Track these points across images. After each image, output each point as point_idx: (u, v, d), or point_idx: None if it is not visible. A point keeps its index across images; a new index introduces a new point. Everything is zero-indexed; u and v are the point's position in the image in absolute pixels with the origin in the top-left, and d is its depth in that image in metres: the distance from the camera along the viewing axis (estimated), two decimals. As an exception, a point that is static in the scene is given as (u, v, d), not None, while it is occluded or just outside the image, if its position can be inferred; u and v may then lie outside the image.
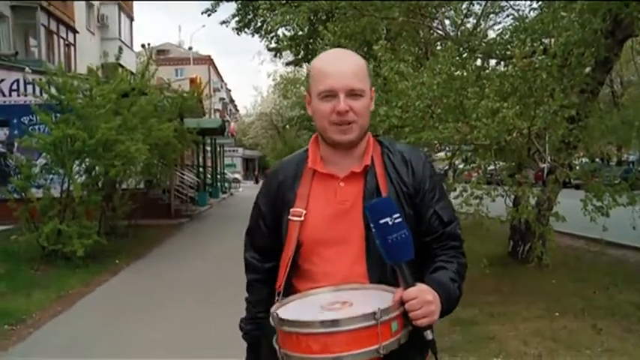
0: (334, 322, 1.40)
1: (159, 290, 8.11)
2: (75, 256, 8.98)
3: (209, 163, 30.25)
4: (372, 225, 1.49)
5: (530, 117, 6.67)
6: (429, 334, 1.47)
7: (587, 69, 7.64)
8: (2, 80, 15.56)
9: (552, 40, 7.44)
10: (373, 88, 1.73)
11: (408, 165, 1.69)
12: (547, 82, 6.53)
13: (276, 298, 1.66)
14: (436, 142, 7.87)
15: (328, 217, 1.67)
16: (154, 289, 8.25)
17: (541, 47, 7.53)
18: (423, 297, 1.45)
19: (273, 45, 19.55)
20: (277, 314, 1.49)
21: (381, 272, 1.60)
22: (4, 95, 15.58)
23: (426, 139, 6.80)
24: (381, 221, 1.46)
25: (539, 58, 6.74)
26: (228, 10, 18.22)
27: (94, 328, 6.30)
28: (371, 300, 1.47)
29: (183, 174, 22.01)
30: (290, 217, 1.69)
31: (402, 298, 1.46)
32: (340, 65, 1.64)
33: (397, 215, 1.47)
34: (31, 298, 7.37)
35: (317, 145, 1.75)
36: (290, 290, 1.68)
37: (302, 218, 1.67)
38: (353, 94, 1.61)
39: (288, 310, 1.56)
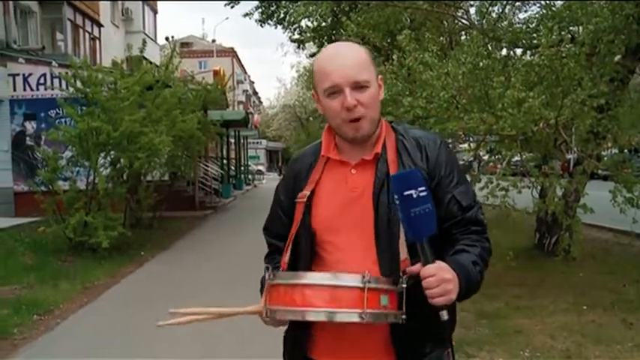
0: (321, 277, 1.45)
1: (184, 281, 8.15)
2: (100, 247, 9.08)
3: (233, 155, 30.40)
4: (395, 197, 1.48)
5: (557, 107, 6.53)
6: (444, 314, 1.45)
7: (617, 57, 7.44)
8: (30, 74, 15.79)
9: (580, 27, 7.26)
10: (381, 76, 1.70)
11: (422, 150, 1.66)
12: (575, 70, 6.37)
13: None
14: (461, 132, 7.77)
15: (338, 204, 1.67)
16: (179, 280, 8.29)
17: (569, 35, 7.36)
18: (441, 275, 1.44)
19: (296, 36, 19.51)
20: (271, 267, 1.53)
21: (391, 259, 1.57)
22: (31, 89, 15.81)
23: (451, 130, 6.70)
24: (406, 193, 1.45)
25: (567, 46, 6.59)
26: (251, 1, 18.21)
27: (119, 318, 6.35)
28: None
29: (207, 166, 22.12)
30: (296, 199, 1.72)
31: (420, 274, 1.46)
32: (341, 59, 1.61)
33: (423, 188, 1.46)
34: (58, 288, 7.47)
35: (331, 133, 1.74)
36: None
37: (305, 200, 1.69)
38: (358, 86, 1.59)
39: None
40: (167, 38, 32.42)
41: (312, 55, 26.23)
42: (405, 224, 1.48)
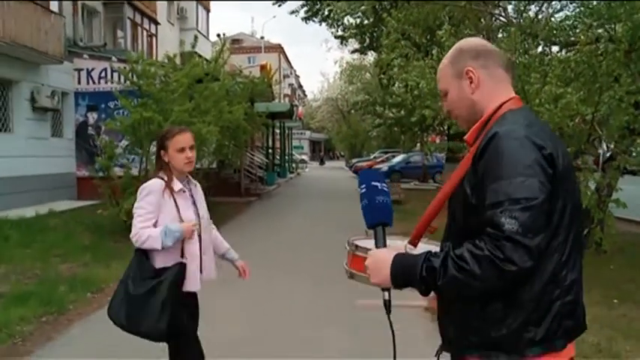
0: (349, 245, 1.82)
1: (229, 264, 8.12)
2: (152, 230, 9.13)
3: (278, 144, 30.46)
4: (364, 185, 1.68)
5: (594, 102, 6.22)
6: (385, 295, 1.59)
7: (656, 54, 7.04)
8: (93, 69, 16.15)
9: (619, 24, 6.87)
10: (470, 69, 1.68)
11: (482, 144, 1.54)
12: (613, 67, 6.04)
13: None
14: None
15: None
16: (225, 263, 8.27)
17: (606, 33, 7.00)
18: (368, 259, 1.60)
19: (339, 33, 19.36)
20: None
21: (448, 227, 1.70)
22: (94, 83, 16.18)
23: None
24: (373, 183, 1.67)
25: (605, 43, 6.24)
26: (297, 0, 18.13)
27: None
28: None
29: (253, 155, 22.19)
30: None
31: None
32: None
33: (364, 186, 1.67)
34: (111, 268, 7.51)
35: None
36: None
37: None
38: (444, 95, 1.75)
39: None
40: (219, 35, 32.62)
41: (355, 52, 26.01)
42: (370, 209, 1.65)
